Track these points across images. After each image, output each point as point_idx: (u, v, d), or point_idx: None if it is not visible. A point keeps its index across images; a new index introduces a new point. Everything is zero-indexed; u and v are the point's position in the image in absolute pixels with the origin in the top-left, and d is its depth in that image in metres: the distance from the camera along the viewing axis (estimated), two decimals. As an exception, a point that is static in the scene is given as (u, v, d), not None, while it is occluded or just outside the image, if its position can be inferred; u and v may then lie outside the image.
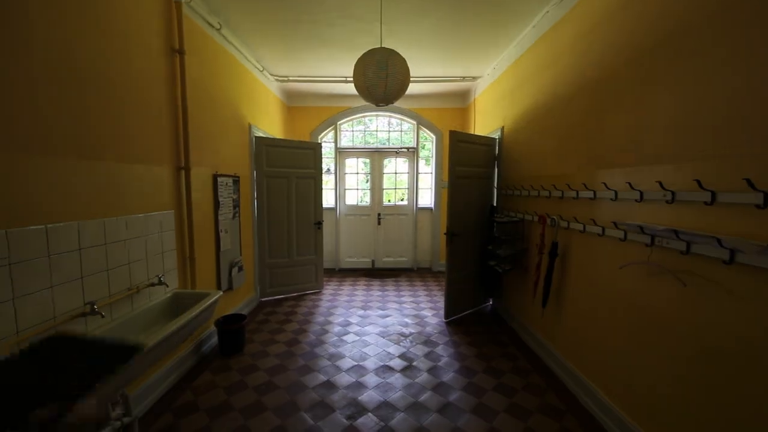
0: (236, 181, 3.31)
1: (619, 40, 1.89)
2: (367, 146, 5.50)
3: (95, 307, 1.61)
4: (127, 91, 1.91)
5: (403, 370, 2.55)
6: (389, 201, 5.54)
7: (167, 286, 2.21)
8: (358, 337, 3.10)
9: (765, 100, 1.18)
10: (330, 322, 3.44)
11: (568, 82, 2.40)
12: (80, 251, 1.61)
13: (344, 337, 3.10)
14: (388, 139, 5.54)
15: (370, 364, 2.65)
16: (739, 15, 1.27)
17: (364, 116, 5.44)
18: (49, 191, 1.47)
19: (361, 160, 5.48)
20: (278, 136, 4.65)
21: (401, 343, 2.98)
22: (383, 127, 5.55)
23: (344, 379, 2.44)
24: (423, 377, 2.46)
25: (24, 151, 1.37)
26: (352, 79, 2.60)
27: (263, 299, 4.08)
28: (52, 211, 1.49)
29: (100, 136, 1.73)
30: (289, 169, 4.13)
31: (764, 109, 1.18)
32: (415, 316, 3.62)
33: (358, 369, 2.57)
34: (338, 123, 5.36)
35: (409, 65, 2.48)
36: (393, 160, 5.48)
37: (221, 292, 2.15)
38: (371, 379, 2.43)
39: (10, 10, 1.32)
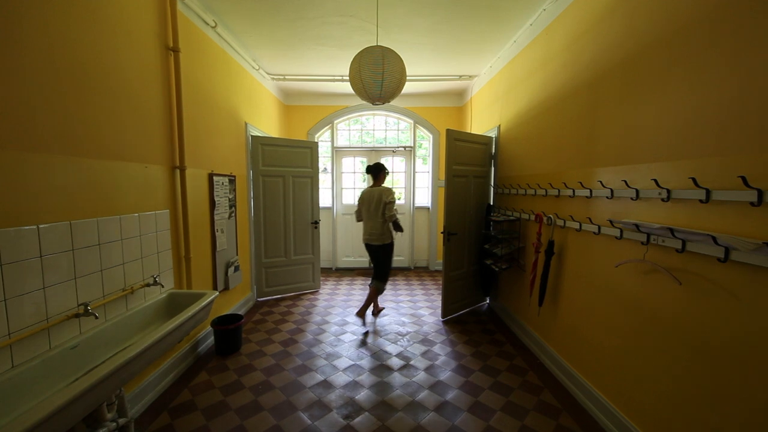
0: (232, 180, 3.29)
1: (614, 40, 1.90)
2: (364, 145, 5.49)
3: (89, 308, 1.59)
4: (121, 88, 1.89)
5: (401, 369, 2.55)
6: (386, 200, 5.53)
7: (162, 286, 2.19)
8: (355, 337, 3.10)
9: (759, 99, 1.18)
10: (327, 322, 3.44)
11: (563, 81, 2.40)
12: (73, 251, 1.59)
13: (341, 337, 3.10)
14: (385, 138, 5.53)
15: (367, 363, 2.64)
16: (733, 16, 1.27)
17: (360, 115, 5.43)
18: (40, 190, 1.45)
19: (358, 159, 5.47)
20: (275, 135, 4.62)
21: (398, 342, 2.98)
22: (380, 126, 5.54)
23: (341, 378, 2.44)
24: (420, 376, 2.46)
25: (14, 148, 1.35)
26: (348, 77, 2.59)
27: (260, 299, 4.07)
28: (45, 210, 1.47)
29: (93, 134, 1.71)
30: (285, 168, 4.11)
31: (759, 108, 1.18)
32: (413, 315, 3.62)
33: (355, 368, 2.57)
34: (335, 122, 5.34)
35: (405, 64, 2.48)
36: (390, 159, 5.47)
37: (217, 293, 2.14)
38: (368, 379, 2.43)
39: (0, 5, 1.30)
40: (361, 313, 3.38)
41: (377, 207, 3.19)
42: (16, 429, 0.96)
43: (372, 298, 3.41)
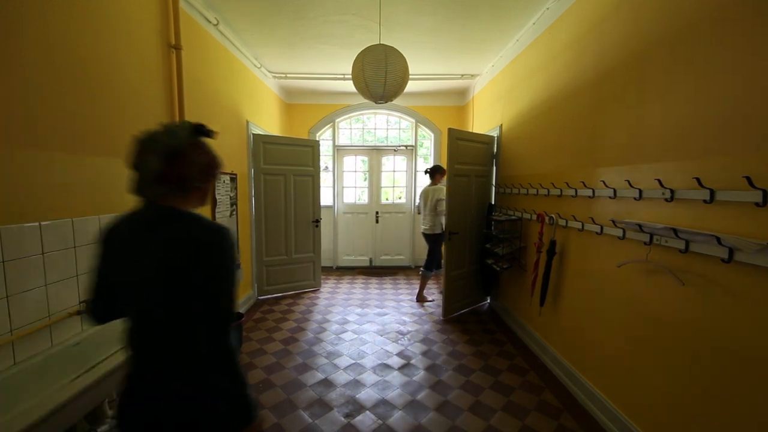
0: (233, 178, 3.29)
1: (618, 39, 1.89)
2: (365, 144, 5.48)
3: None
4: (121, 86, 1.89)
5: (401, 368, 2.55)
6: (387, 199, 5.53)
7: (164, 284, 2.19)
8: (356, 335, 3.10)
9: (764, 98, 1.17)
10: (328, 320, 3.44)
11: (566, 80, 2.39)
12: (75, 249, 1.60)
13: (342, 335, 3.10)
14: (387, 137, 5.52)
15: (368, 362, 2.64)
16: (737, 15, 1.26)
17: (362, 114, 5.42)
18: (43, 187, 1.45)
19: (359, 158, 5.47)
20: (276, 134, 4.62)
21: (399, 341, 2.98)
22: (381, 125, 5.53)
23: (342, 377, 2.44)
24: (421, 375, 2.46)
25: (16, 145, 1.35)
26: (350, 76, 2.58)
27: (261, 297, 4.07)
28: (46, 207, 1.47)
29: (93, 132, 1.71)
30: (287, 166, 4.11)
31: (764, 107, 1.17)
32: (413, 314, 3.61)
33: (356, 367, 2.57)
34: (336, 121, 5.34)
35: (407, 62, 2.47)
36: (391, 158, 5.46)
37: (218, 290, 2.14)
38: (369, 377, 2.43)
39: (1, 2, 1.29)
40: (419, 299, 4.02)
41: (430, 203, 3.87)
42: (18, 426, 0.97)
43: (423, 283, 4.03)
